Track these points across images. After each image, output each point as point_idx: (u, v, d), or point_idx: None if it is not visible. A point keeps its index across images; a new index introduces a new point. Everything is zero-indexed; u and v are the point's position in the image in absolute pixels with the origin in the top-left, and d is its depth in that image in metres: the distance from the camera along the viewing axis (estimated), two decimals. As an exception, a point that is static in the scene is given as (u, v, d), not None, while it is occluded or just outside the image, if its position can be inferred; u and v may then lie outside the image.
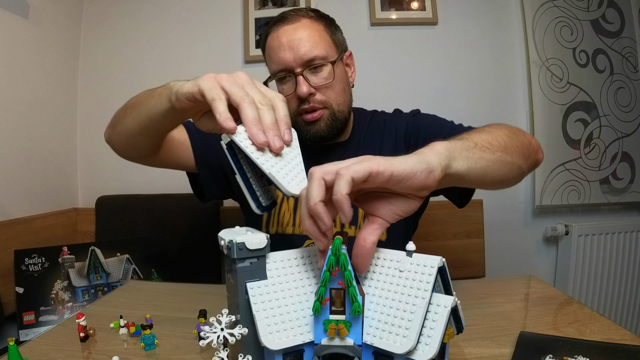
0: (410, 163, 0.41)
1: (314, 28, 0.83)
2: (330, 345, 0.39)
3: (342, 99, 0.86)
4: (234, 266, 0.42)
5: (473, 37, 1.55)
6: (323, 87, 0.82)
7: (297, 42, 0.80)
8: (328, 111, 0.84)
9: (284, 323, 0.41)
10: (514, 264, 1.59)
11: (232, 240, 0.41)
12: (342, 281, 0.38)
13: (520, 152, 0.62)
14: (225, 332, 0.41)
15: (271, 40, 0.84)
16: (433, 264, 0.40)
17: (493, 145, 0.56)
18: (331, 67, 0.82)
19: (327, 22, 0.87)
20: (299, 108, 0.83)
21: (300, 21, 0.82)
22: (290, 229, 0.88)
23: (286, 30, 0.81)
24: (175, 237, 1.44)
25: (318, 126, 0.84)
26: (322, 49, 0.82)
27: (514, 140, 0.61)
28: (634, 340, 0.52)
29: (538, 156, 0.71)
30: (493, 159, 0.54)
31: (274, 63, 0.84)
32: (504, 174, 0.58)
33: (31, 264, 1.23)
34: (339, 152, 0.91)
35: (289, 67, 0.81)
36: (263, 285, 0.42)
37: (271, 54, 0.84)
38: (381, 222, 0.43)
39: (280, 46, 0.81)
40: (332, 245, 0.39)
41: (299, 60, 0.80)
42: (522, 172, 0.65)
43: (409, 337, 0.37)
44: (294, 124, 0.87)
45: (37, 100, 1.42)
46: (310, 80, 0.81)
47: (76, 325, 0.58)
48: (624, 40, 1.57)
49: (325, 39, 0.84)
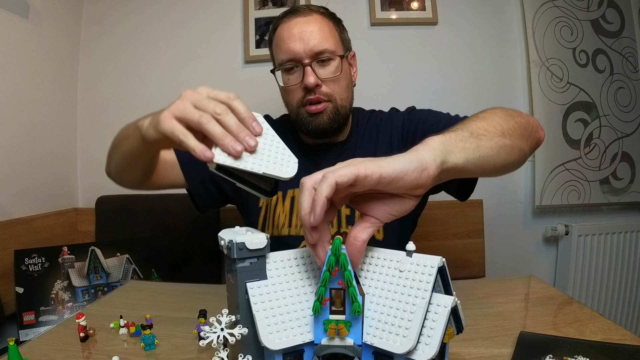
0: (401, 163, 0.41)
1: (325, 23, 0.85)
2: (330, 345, 0.39)
3: (346, 95, 0.87)
4: (234, 266, 0.42)
5: (473, 37, 1.55)
6: (329, 80, 0.83)
7: (309, 34, 0.82)
8: (332, 104, 0.85)
9: (284, 323, 0.41)
10: (514, 264, 1.59)
11: (232, 240, 0.41)
12: (342, 281, 0.38)
13: (519, 133, 0.60)
14: (225, 332, 0.41)
15: (281, 30, 0.85)
16: (433, 264, 0.40)
17: (489, 131, 0.54)
18: (339, 61, 0.84)
19: (336, 21, 0.90)
20: (304, 99, 0.84)
21: (312, 15, 0.84)
22: (286, 230, 0.88)
23: (298, 22, 0.83)
24: (175, 237, 1.44)
25: (321, 119, 0.84)
26: (331, 43, 0.83)
27: (510, 122, 0.60)
28: (634, 340, 0.52)
29: (539, 135, 0.68)
30: (491, 145, 0.53)
31: (283, 52, 0.84)
32: (505, 158, 0.56)
33: (31, 264, 1.23)
34: (336, 152, 0.91)
35: (298, 58, 0.82)
36: (263, 285, 0.42)
37: (281, 43, 0.85)
38: (374, 222, 0.43)
39: (291, 36, 0.82)
40: (332, 245, 0.39)
41: (309, 51, 0.81)
42: (523, 154, 0.63)
43: (409, 337, 0.37)
44: (296, 116, 0.88)
45: (37, 100, 1.42)
46: (317, 72, 0.82)
47: (76, 325, 0.58)
48: (624, 40, 1.57)
49: (335, 35, 0.86)
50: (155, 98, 1.61)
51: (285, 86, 0.87)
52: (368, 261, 0.44)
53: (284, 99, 0.91)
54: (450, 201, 1.53)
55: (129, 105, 1.61)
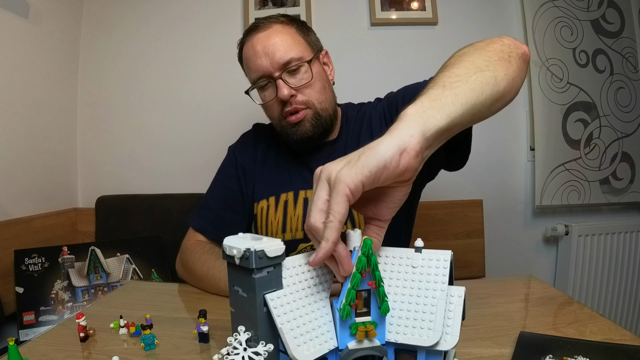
0: (376, 157, 0.38)
1: (286, 32, 0.84)
2: (360, 348, 0.39)
3: (324, 97, 0.87)
4: (250, 277, 0.38)
5: (473, 37, 1.52)
6: (303, 87, 0.83)
7: (272, 48, 0.82)
8: (311, 111, 0.85)
9: (308, 333, 0.39)
10: (514, 264, 1.59)
11: (249, 248, 0.38)
12: (372, 282, 0.38)
13: (497, 59, 0.54)
14: (249, 352, 0.36)
15: (247, 50, 0.86)
16: (446, 258, 0.41)
17: (462, 74, 0.49)
18: (308, 67, 0.84)
19: (299, 24, 0.88)
20: (282, 112, 0.85)
21: (272, 27, 0.84)
22: (280, 236, 0.88)
23: (259, 38, 0.83)
24: (175, 237, 1.44)
25: (303, 126, 0.85)
26: (296, 50, 0.83)
27: (482, 54, 0.54)
28: (634, 340, 0.52)
29: (521, 50, 0.59)
30: (470, 87, 0.47)
31: (252, 71, 0.85)
32: (492, 92, 0.50)
33: (31, 264, 1.23)
34: (326, 151, 0.91)
35: (268, 73, 0.83)
36: (282, 295, 0.39)
37: (248, 63, 0.86)
38: (381, 223, 0.43)
39: (256, 54, 0.83)
40: (364, 245, 0.38)
41: (276, 64, 0.81)
42: (512, 78, 0.55)
43: (434, 329, 0.38)
44: (280, 129, 0.89)
45: (37, 101, 1.42)
46: (289, 82, 0.82)
47: (76, 325, 0.58)
48: (624, 40, 1.57)
49: (299, 41, 0.85)
50: (156, 98, 1.62)
51: (263, 103, 0.87)
52: (379, 260, 0.44)
53: (266, 114, 0.92)
54: (450, 201, 1.54)
55: (129, 105, 1.61)
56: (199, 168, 1.59)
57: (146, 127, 1.61)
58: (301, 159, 0.92)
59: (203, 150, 1.59)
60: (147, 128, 1.61)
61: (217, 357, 0.38)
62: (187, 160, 1.61)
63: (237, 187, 0.95)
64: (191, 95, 1.60)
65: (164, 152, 1.61)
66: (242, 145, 1.00)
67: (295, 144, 0.88)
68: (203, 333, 0.56)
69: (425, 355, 0.39)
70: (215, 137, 1.58)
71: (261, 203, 0.92)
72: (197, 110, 1.60)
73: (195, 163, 1.59)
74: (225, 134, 1.57)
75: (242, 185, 0.95)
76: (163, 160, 1.61)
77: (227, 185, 0.96)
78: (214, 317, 0.62)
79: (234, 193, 0.95)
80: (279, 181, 0.92)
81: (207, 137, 1.59)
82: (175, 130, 1.61)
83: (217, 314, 0.64)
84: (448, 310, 0.39)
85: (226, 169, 0.98)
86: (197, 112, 1.60)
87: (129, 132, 1.62)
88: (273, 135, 0.98)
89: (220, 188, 0.97)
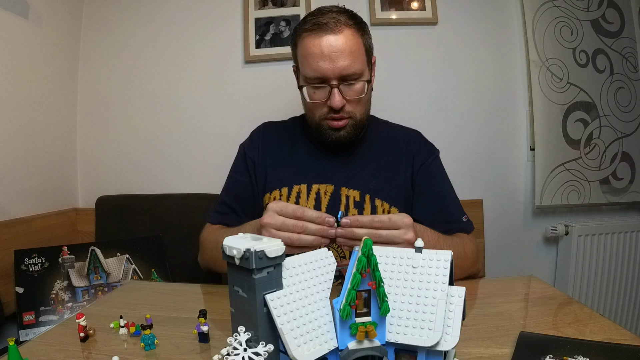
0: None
1: (355, 42, 0.84)
2: (360, 348, 0.39)
3: (366, 109, 0.91)
4: (250, 277, 0.39)
5: (473, 37, 1.54)
6: (354, 101, 0.86)
7: (338, 55, 0.81)
8: (353, 121, 0.88)
9: (308, 333, 0.39)
10: (514, 264, 1.59)
11: (249, 249, 0.38)
12: (372, 282, 0.38)
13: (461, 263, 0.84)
14: (249, 352, 0.37)
15: (310, 45, 0.83)
16: (447, 258, 0.41)
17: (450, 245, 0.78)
18: (364, 85, 0.85)
19: (364, 31, 0.88)
20: (327, 114, 0.87)
21: (343, 32, 0.82)
22: None
23: (328, 39, 0.81)
24: (175, 237, 1.44)
25: (342, 133, 0.88)
26: (359, 65, 0.84)
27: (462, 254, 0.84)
28: (634, 340, 0.52)
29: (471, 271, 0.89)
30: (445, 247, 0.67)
31: (311, 69, 0.84)
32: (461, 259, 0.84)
33: (31, 264, 1.23)
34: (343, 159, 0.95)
35: (326, 78, 0.83)
36: (282, 296, 0.40)
37: (309, 59, 0.84)
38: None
39: (322, 56, 0.81)
40: (364, 245, 0.38)
41: (337, 74, 0.82)
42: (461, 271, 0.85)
43: (435, 329, 0.38)
44: (315, 126, 0.91)
45: (37, 101, 1.42)
46: (343, 93, 0.84)
47: (76, 325, 0.58)
48: (624, 40, 1.57)
49: (362, 52, 0.85)
50: (155, 98, 1.62)
51: (311, 101, 0.88)
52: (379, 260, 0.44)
53: (306, 109, 0.93)
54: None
55: (129, 105, 1.61)
56: (199, 168, 1.59)
57: (146, 127, 1.61)
58: (319, 154, 0.96)
59: (203, 151, 1.59)
60: (147, 128, 1.61)
61: (217, 357, 0.38)
62: (187, 160, 1.61)
63: (247, 179, 0.98)
64: (191, 95, 1.60)
65: (164, 152, 1.61)
66: (251, 141, 1.03)
67: (327, 144, 0.92)
68: (203, 333, 0.56)
69: (426, 356, 0.39)
70: (216, 137, 1.58)
71: (274, 193, 0.94)
72: (197, 110, 1.60)
73: (196, 163, 1.59)
74: (225, 134, 1.57)
75: (252, 177, 0.98)
76: (163, 160, 1.61)
77: (238, 180, 0.99)
78: (214, 317, 0.62)
79: (245, 185, 0.98)
80: (292, 173, 0.95)
81: (207, 137, 1.59)
82: (175, 130, 1.61)
83: (217, 314, 0.64)
84: (448, 310, 0.39)
85: (237, 164, 1.02)
86: (197, 112, 1.60)
87: (129, 132, 1.61)
88: (292, 132, 1.01)
89: (233, 183, 1.00)
